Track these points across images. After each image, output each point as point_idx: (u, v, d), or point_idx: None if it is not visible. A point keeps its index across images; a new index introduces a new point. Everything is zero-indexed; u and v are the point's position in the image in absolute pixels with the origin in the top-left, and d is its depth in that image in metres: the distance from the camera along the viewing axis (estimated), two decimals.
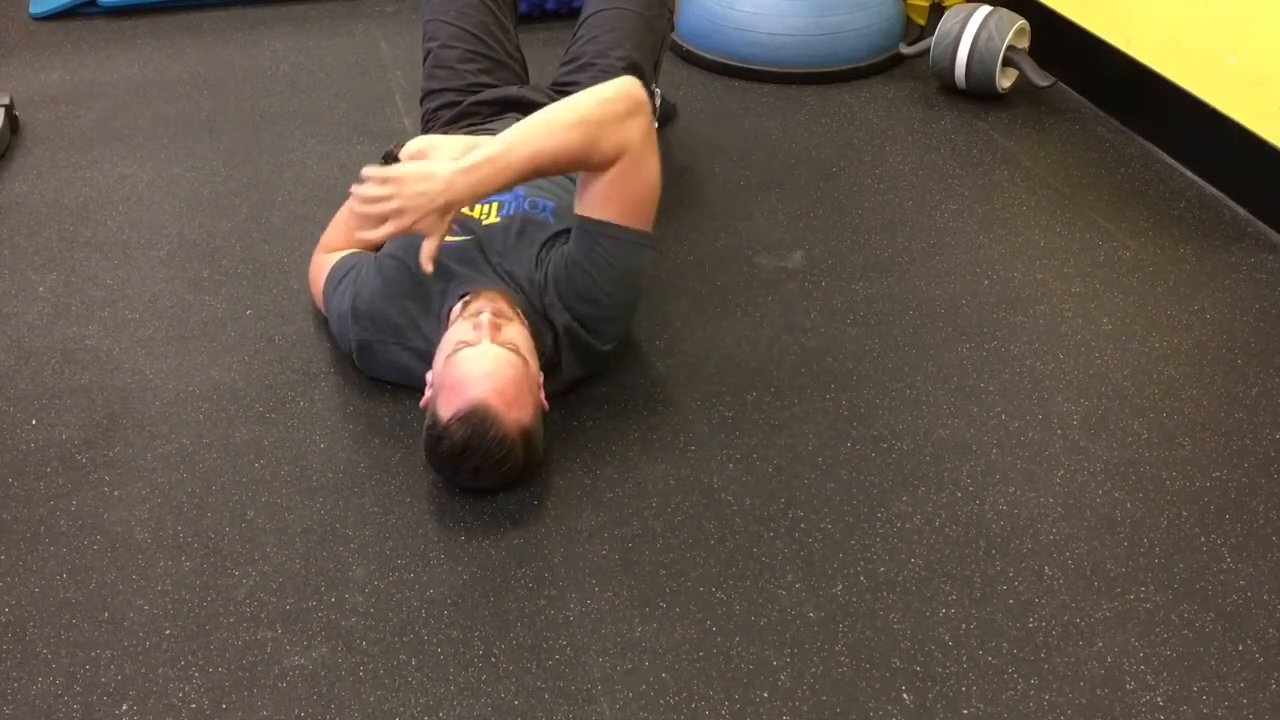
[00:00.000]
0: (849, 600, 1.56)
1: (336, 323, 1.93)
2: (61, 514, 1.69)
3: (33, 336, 2.05)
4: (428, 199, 1.67)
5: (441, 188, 1.67)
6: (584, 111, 1.72)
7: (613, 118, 1.71)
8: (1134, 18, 2.71)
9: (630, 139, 1.72)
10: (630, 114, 1.73)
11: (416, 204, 1.67)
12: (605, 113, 1.71)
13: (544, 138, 1.71)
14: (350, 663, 1.48)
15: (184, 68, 3.05)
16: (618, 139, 1.71)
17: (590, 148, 1.71)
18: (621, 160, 1.73)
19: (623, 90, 1.74)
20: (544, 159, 1.71)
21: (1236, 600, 1.56)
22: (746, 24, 2.99)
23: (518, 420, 1.64)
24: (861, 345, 2.04)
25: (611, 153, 1.72)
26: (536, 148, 1.70)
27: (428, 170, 1.68)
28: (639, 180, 1.77)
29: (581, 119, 1.71)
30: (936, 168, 2.61)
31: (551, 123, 1.72)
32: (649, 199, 1.80)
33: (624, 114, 1.72)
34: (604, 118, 1.71)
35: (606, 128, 1.71)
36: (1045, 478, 1.77)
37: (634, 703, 1.43)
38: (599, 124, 1.70)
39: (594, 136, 1.70)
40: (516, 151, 1.70)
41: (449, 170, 1.68)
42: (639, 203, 1.79)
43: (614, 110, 1.72)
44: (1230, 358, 2.02)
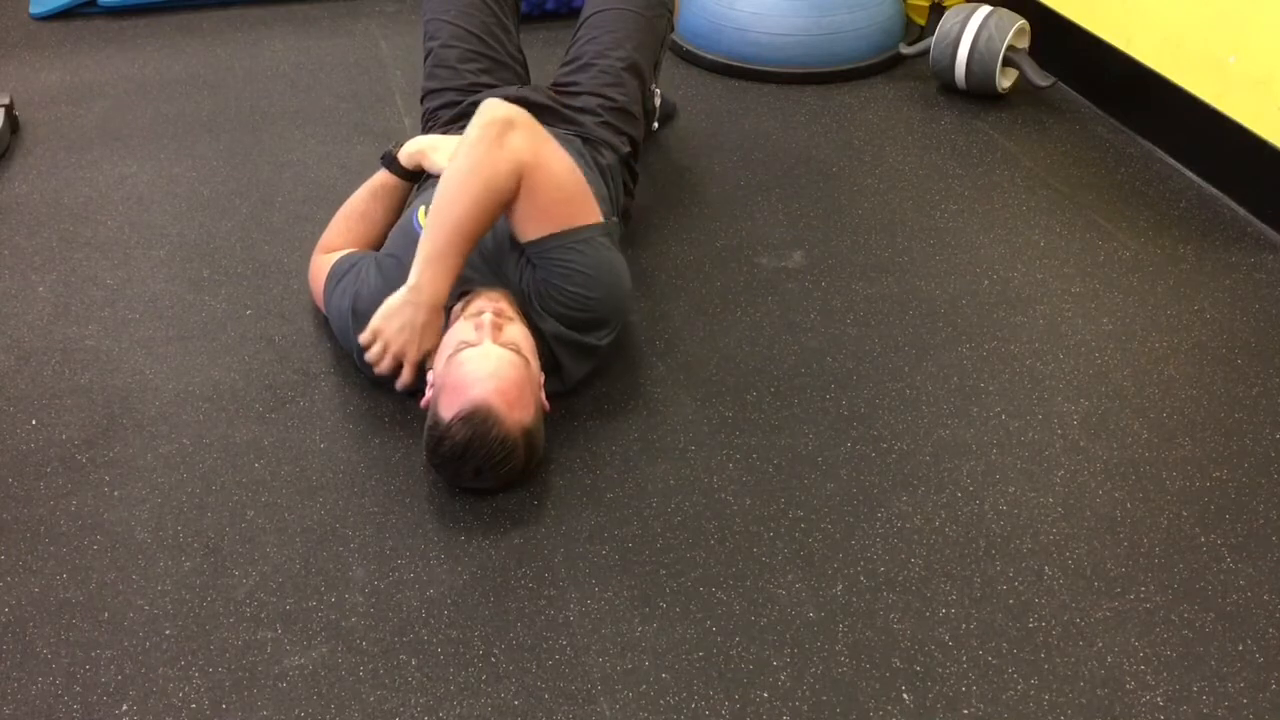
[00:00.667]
0: (849, 600, 1.56)
1: (337, 322, 1.93)
2: (61, 514, 1.69)
3: (33, 336, 2.05)
4: (409, 327, 1.74)
5: (410, 311, 1.74)
6: (466, 163, 1.73)
7: (486, 154, 1.72)
8: (1134, 18, 2.71)
9: (515, 156, 1.73)
10: (499, 136, 1.73)
11: (404, 337, 1.75)
12: (480, 154, 1.72)
13: (451, 207, 1.72)
14: (350, 663, 1.48)
15: (184, 68, 3.05)
16: (505, 166, 1.72)
17: (495, 189, 1.72)
18: (522, 179, 1.74)
19: (483, 120, 1.75)
20: (467, 225, 1.72)
21: (1236, 600, 1.56)
22: (746, 24, 2.99)
23: (519, 420, 1.64)
24: (861, 345, 2.04)
25: (509, 181, 1.73)
26: (453, 221, 1.72)
27: (390, 309, 1.75)
28: (549, 185, 1.77)
29: (468, 169, 1.72)
30: (936, 168, 2.61)
31: (450, 189, 1.73)
32: (567, 195, 1.79)
33: (494, 140, 1.72)
34: (481, 159, 1.72)
35: (488, 167, 1.72)
36: (1045, 478, 1.77)
37: (634, 703, 1.43)
38: (479, 169, 1.72)
39: (485, 180, 1.71)
40: (440, 238, 1.73)
41: (404, 296, 1.74)
42: (560, 206, 1.78)
43: (484, 145, 1.72)
44: (1230, 358, 2.02)
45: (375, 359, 1.78)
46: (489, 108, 1.77)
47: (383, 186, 2.08)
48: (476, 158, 1.72)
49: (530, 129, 1.77)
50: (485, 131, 1.73)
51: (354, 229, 2.07)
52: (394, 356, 1.77)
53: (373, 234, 2.07)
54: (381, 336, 1.76)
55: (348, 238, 2.07)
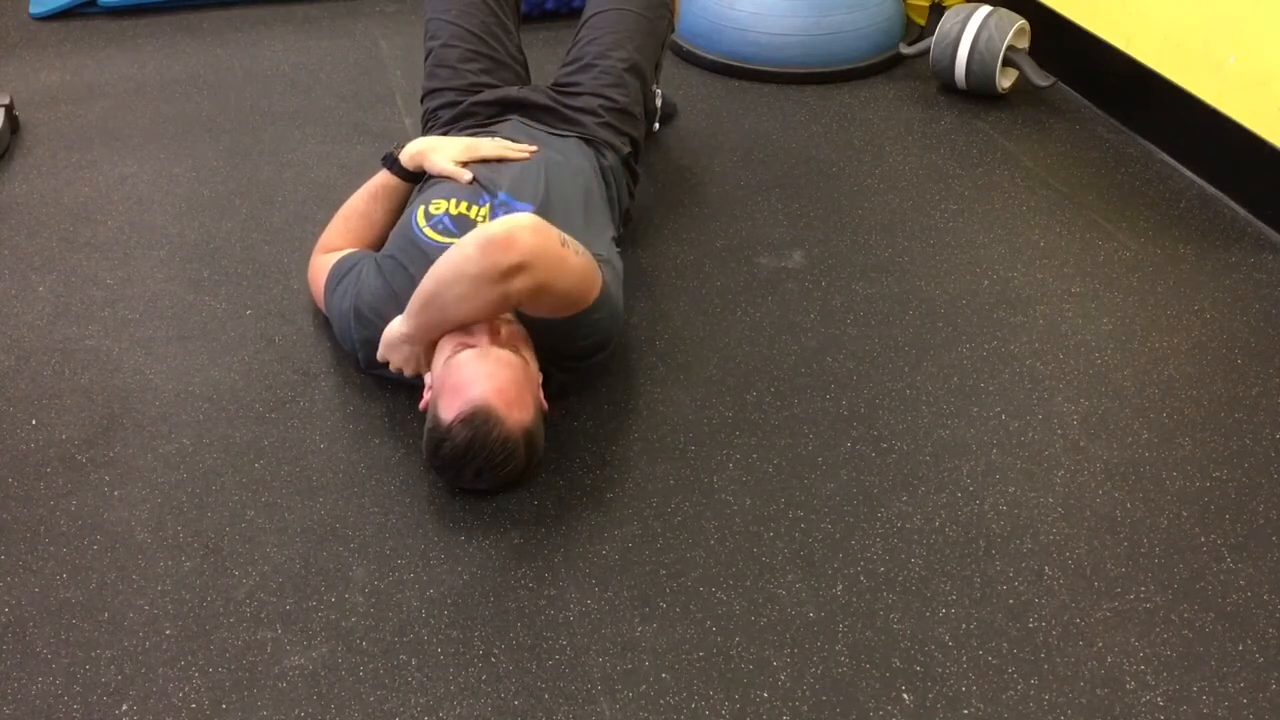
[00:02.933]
0: (849, 600, 1.56)
1: (338, 322, 1.93)
2: (61, 514, 1.69)
3: (33, 336, 2.05)
4: (414, 358, 1.77)
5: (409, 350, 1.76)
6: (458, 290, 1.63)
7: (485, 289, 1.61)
8: (1134, 18, 2.71)
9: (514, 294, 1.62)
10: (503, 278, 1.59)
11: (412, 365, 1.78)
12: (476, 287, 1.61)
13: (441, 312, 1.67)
14: (350, 663, 1.48)
15: (184, 68, 3.05)
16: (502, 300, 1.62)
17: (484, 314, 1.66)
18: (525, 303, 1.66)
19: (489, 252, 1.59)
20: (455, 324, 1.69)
21: (1236, 600, 1.56)
22: (746, 24, 2.99)
23: (520, 421, 1.64)
24: (861, 345, 2.04)
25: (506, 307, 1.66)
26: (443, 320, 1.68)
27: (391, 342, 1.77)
28: (549, 303, 1.69)
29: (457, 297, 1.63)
30: (936, 168, 2.61)
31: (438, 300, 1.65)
32: (572, 298, 1.70)
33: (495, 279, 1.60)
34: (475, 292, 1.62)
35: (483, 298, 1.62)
36: (1045, 478, 1.77)
37: (634, 703, 1.43)
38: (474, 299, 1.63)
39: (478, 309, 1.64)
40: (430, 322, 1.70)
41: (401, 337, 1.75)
42: (566, 306, 1.71)
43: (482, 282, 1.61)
44: (1230, 358, 2.02)
45: (394, 371, 1.83)
46: (500, 239, 1.59)
47: (383, 187, 2.08)
48: (474, 289, 1.61)
49: (539, 268, 1.60)
50: (489, 271, 1.59)
51: (354, 229, 2.07)
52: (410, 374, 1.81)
53: (373, 234, 2.07)
54: (392, 364, 1.81)
55: (348, 238, 2.07)
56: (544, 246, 1.61)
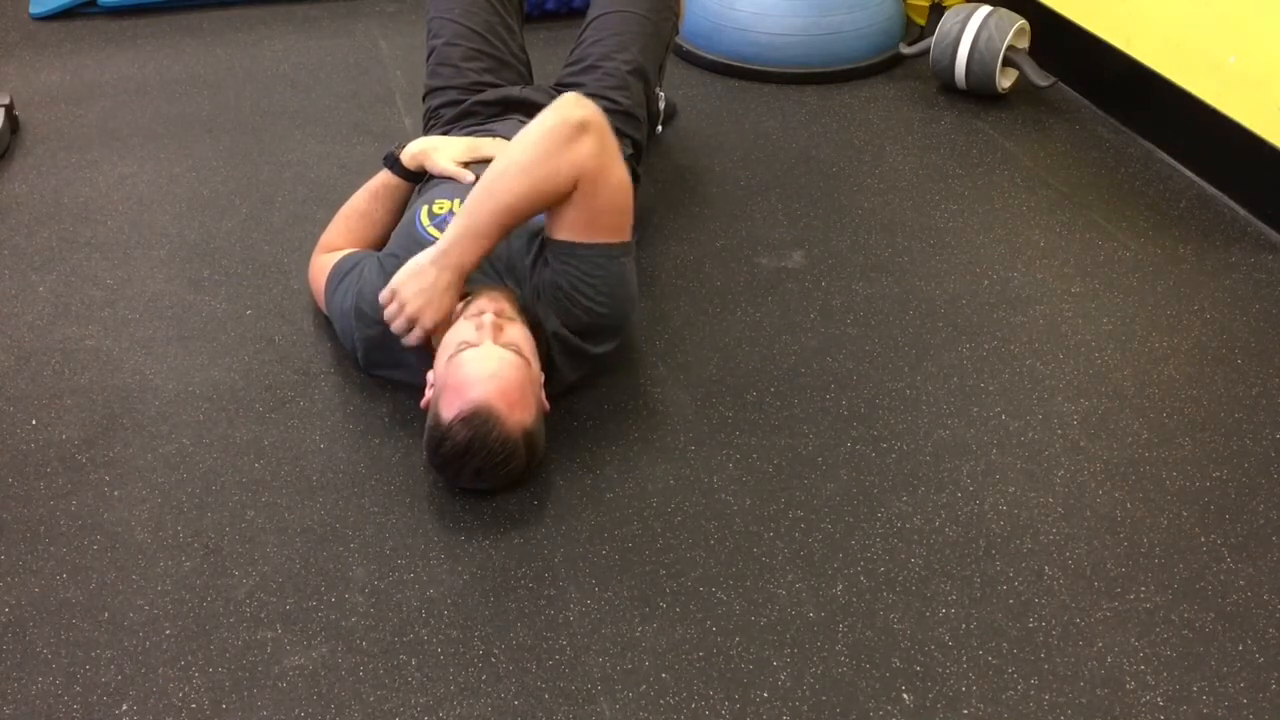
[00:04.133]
0: (849, 600, 1.56)
1: (340, 323, 1.93)
2: (61, 514, 1.69)
3: (33, 336, 2.05)
4: (428, 291, 1.72)
5: (433, 275, 1.72)
6: (532, 153, 1.70)
7: (555, 150, 1.69)
8: (1134, 18, 2.71)
9: (581, 162, 1.69)
10: (572, 138, 1.69)
11: (422, 300, 1.72)
12: (550, 145, 1.69)
13: (504, 192, 1.71)
14: (350, 663, 1.48)
15: (184, 68, 3.05)
16: (568, 169, 1.69)
17: (549, 186, 1.70)
18: (579, 185, 1.71)
19: (561, 116, 1.70)
20: (512, 211, 1.72)
21: (1236, 600, 1.56)
22: (747, 24, 2.99)
23: (520, 421, 1.64)
24: (861, 345, 2.04)
25: (566, 184, 1.71)
26: (501, 203, 1.71)
27: (414, 269, 1.74)
28: (601, 198, 1.74)
29: (531, 160, 1.70)
30: (936, 168, 2.61)
31: (506, 172, 1.71)
32: (616, 210, 1.78)
33: (566, 140, 1.69)
34: (550, 151, 1.69)
35: (556, 160, 1.69)
36: (1045, 478, 1.77)
37: (634, 703, 1.43)
38: (548, 160, 1.69)
39: (550, 175, 1.69)
40: (483, 215, 1.71)
41: (430, 257, 1.73)
42: (605, 217, 1.77)
43: (558, 139, 1.69)
44: (1230, 358, 2.02)
45: (391, 317, 1.75)
46: (568, 104, 1.72)
47: (384, 187, 2.08)
48: (541, 152, 1.69)
49: (601, 137, 1.71)
50: (558, 130, 1.69)
51: (355, 229, 2.07)
52: (408, 318, 1.74)
53: (374, 234, 2.07)
54: (399, 296, 1.73)
55: (349, 238, 2.07)
56: (603, 119, 1.73)
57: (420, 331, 1.74)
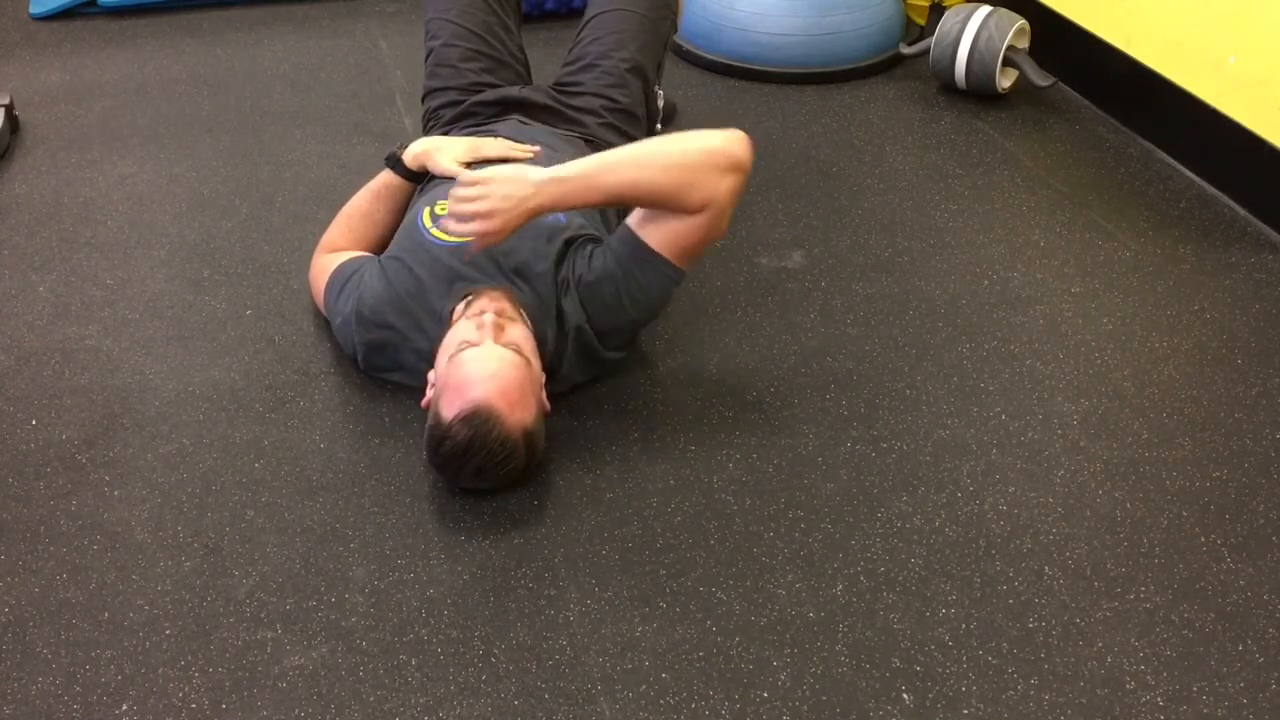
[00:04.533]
0: (849, 600, 1.56)
1: (340, 327, 1.93)
2: (61, 514, 1.69)
3: (33, 336, 2.05)
4: (514, 201, 1.69)
5: (530, 192, 1.69)
6: (686, 158, 1.72)
7: (711, 170, 1.71)
8: (1134, 18, 2.71)
9: (720, 197, 1.72)
10: (728, 171, 1.72)
11: (505, 205, 1.68)
12: (706, 163, 1.71)
13: (639, 170, 1.72)
14: (350, 663, 1.48)
15: (184, 68, 3.05)
16: (708, 194, 1.72)
17: (680, 195, 1.72)
18: (704, 214, 1.73)
19: (728, 146, 1.73)
20: (633, 190, 1.73)
21: (1236, 600, 1.56)
22: (747, 24, 2.99)
23: (520, 421, 1.64)
24: (861, 345, 2.04)
25: (697, 205, 1.72)
26: (629, 178, 1.71)
27: (518, 174, 1.71)
28: (708, 235, 1.77)
29: (681, 164, 1.71)
30: (936, 168, 2.61)
31: (651, 158, 1.73)
32: (704, 249, 1.82)
33: (722, 170, 1.72)
34: (703, 168, 1.71)
35: (701, 179, 1.71)
36: (1045, 478, 1.77)
37: (634, 703, 1.43)
38: (695, 173, 1.71)
39: (687, 185, 1.71)
40: (609, 176, 1.72)
41: (540, 176, 1.70)
42: (696, 251, 1.80)
43: (715, 163, 1.72)
44: (1230, 358, 2.02)
45: (465, 197, 1.70)
46: (737, 140, 1.75)
47: (386, 187, 2.08)
48: (695, 163, 1.71)
49: (744, 185, 1.76)
50: (719, 154, 1.72)
51: (356, 229, 2.07)
52: (478, 211, 1.69)
53: (375, 234, 2.07)
54: (488, 189, 1.69)
55: (350, 238, 2.07)
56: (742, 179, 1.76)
57: (478, 226, 1.69)
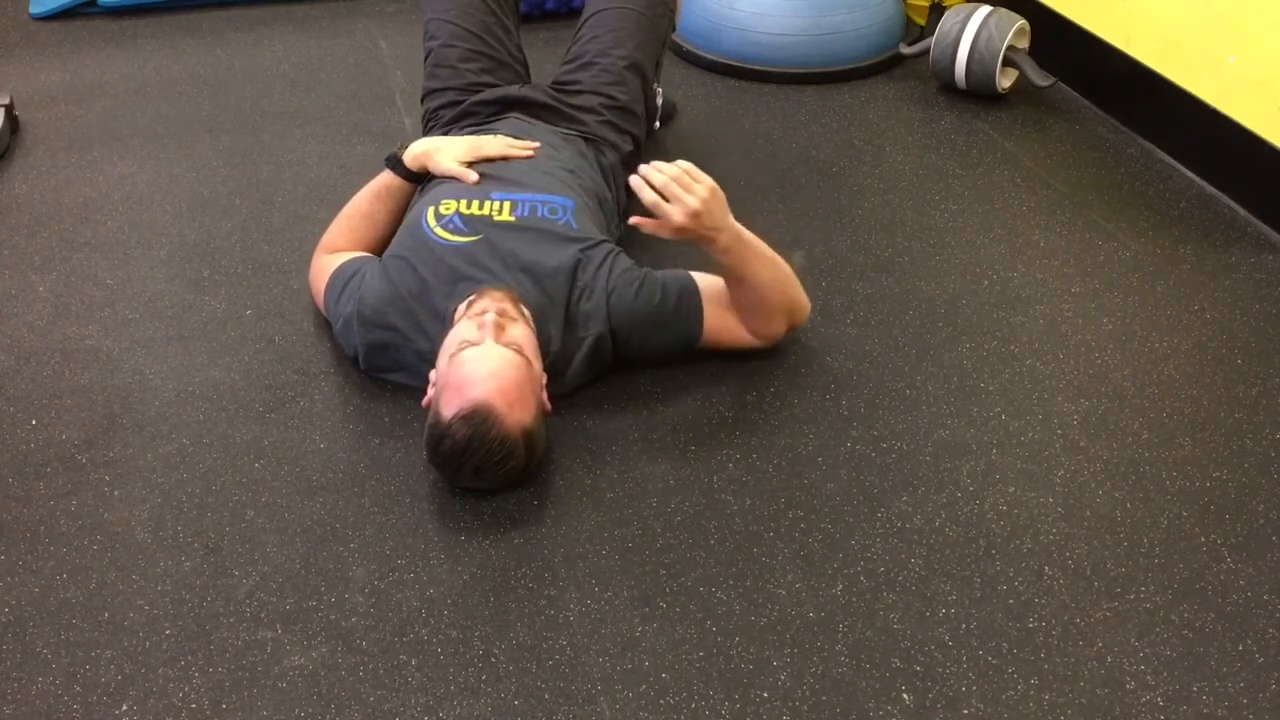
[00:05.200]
0: (849, 600, 1.56)
1: (341, 328, 1.93)
2: (61, 514, 1.69)
3: (33, 336, 2.05)
4: (716, 220, 1.77)
5: (728, 225, 1.79)
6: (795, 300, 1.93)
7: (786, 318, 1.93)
8: (1134, 18, 2.71)
9: (772, 338, 1.94)
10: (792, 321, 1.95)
11: (712, 220, 1.76)
12: (792, 310, 1.93)
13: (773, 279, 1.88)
14: (350, 663, 1.48)
15: (184, 68, 3.05)
16: (775, 331, 1.93)
17: (769, 316, 1.90)
18: (753, 337, 1.92)
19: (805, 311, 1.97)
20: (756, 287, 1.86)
21: (1236, 600, 1.56)
22: (747, 24, 2.99)
23: (520, 421, 1.64)
24: (861, 345, 2.04)
25: (764, 330, 1.92)
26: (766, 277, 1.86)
27: (726, 208, 1.80)
28: (761, 337, 1.93)
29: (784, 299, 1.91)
30: (936, 168, 2.61)
31: (784, 277, 1.90)
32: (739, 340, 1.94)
33: (791, 317, 1.94)
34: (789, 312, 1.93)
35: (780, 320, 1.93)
36: (1045, 478, 1.77)
37: (634, 703, 1.43)
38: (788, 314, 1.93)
39: (779, 314, 1.91)
40: (757, 264, 1.84)
41: (734, 223, 1.81)
42: (721, 347, 1.94)
43: (793, 315, 1.94)
44: (1230, 358, 2.02)
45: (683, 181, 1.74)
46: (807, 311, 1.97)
47: (386, 188, 2.08)
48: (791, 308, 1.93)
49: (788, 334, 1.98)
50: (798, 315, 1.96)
51: (357, 230, 2.07)
52: (693, 199, 1.74)
53: (375, 235, 2.07)
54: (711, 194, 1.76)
55: (350, 238, 2.07)
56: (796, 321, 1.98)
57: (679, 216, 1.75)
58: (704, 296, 1.88)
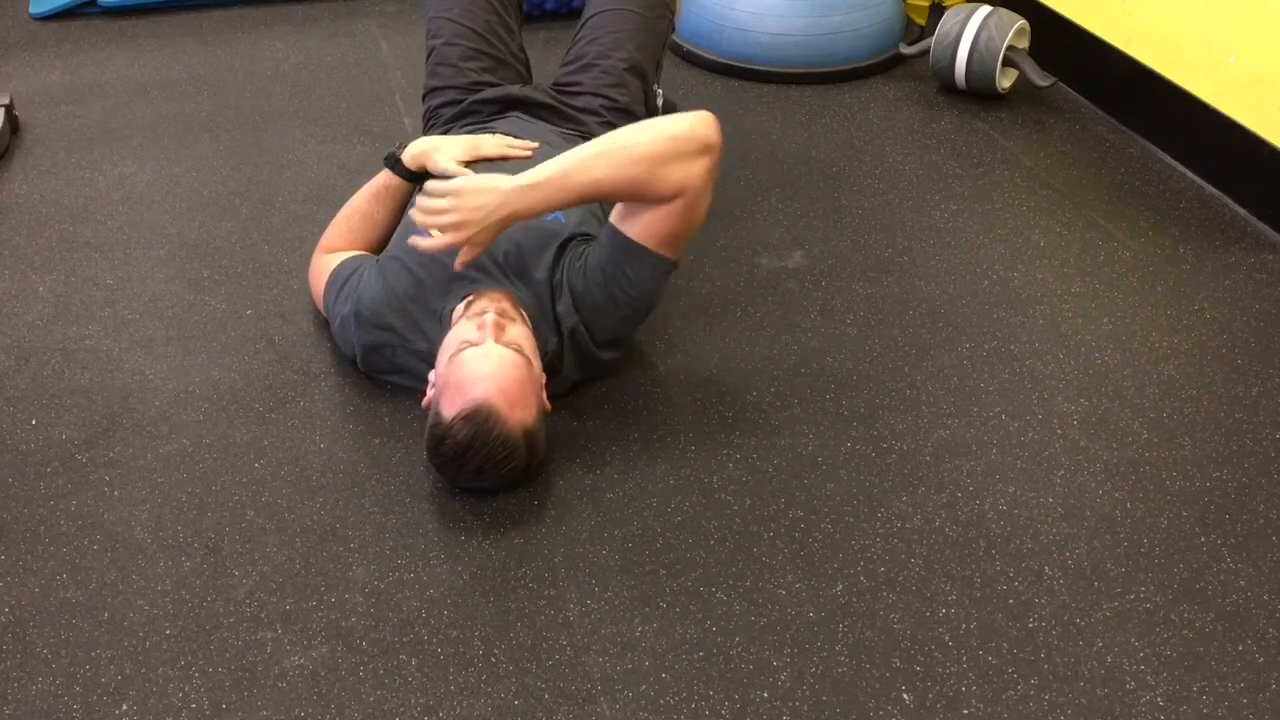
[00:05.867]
0: (849, 600, 1.56)
1: (339, 329, 1.93)
2: (61, 514, 1.69)
3: (33, 336, 2.05)
4: (485, 212, 1.67)
5: (500, 201, 1.67)
6: (652, 148, 1.68)
7: (679, 157, 1.68)
8: (1134, 18, 2.71)
9: (692, 182, 1.70)
10: (697, 155, 1.69)
11: (475, 217, 1.67)
12: (673, 150, 1.68)
13: (607, 168, 1.69)
14: (350, 663, 1.48)
15: (184, 68, 3.05)
16: (679, 180, 1.69)
17: (650, 185, 1.69)
18: (679, 200, 1.71)
19: (695, 130, 1.70)
20: (603, 188, 1.71)
21: (1236, 600, 1.57)
22: (747, 24, 2.99)
23: (521, 421, 1.64)
24: (861, 345, 2.04)
25: (670, 192, 1.70)
26: (598, 176, 1.69)
27: (487, 184, 1.68)
28: (688, 220, 1.75)
29: (648, 155, 1.68)
30: (936, 168, 2.61)
31: (618, 153, 1.69)
32: (689, 234, 1.79)
33: (692, 154, 1.69)
34: (670, 156, 1.68)
35: (670, 167, 1.68)
36: (1045, 478, 1.77)
37: (634, 703, 1.43)
38: (664, 162, 1.68)
39: (657, 175, 1.68)
40: (578, 176, 1.69)
41: (509, 185, 1.68)
42: (680, 237, 1.78)
43: (682, 149, 1.68)
44: (1230, 358, 2.02)
45: (432, 209, 1.68)
46: (704, 121, 1.71)
47: (385, 188, 2.08)
48: (663, 151, 1.68)
49: (716, 165, 1.73)
50: (688, 139, 1.69)
51: (356, 230, 2.07)
52: (448, 223, 1.68)
53: (375, 235, 2.07)
54: (458, 199, 1.67)
55: (349, 238, 2.07)
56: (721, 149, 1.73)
57: (444, 241, 1.69)
58: (618, 225, 1.77)
